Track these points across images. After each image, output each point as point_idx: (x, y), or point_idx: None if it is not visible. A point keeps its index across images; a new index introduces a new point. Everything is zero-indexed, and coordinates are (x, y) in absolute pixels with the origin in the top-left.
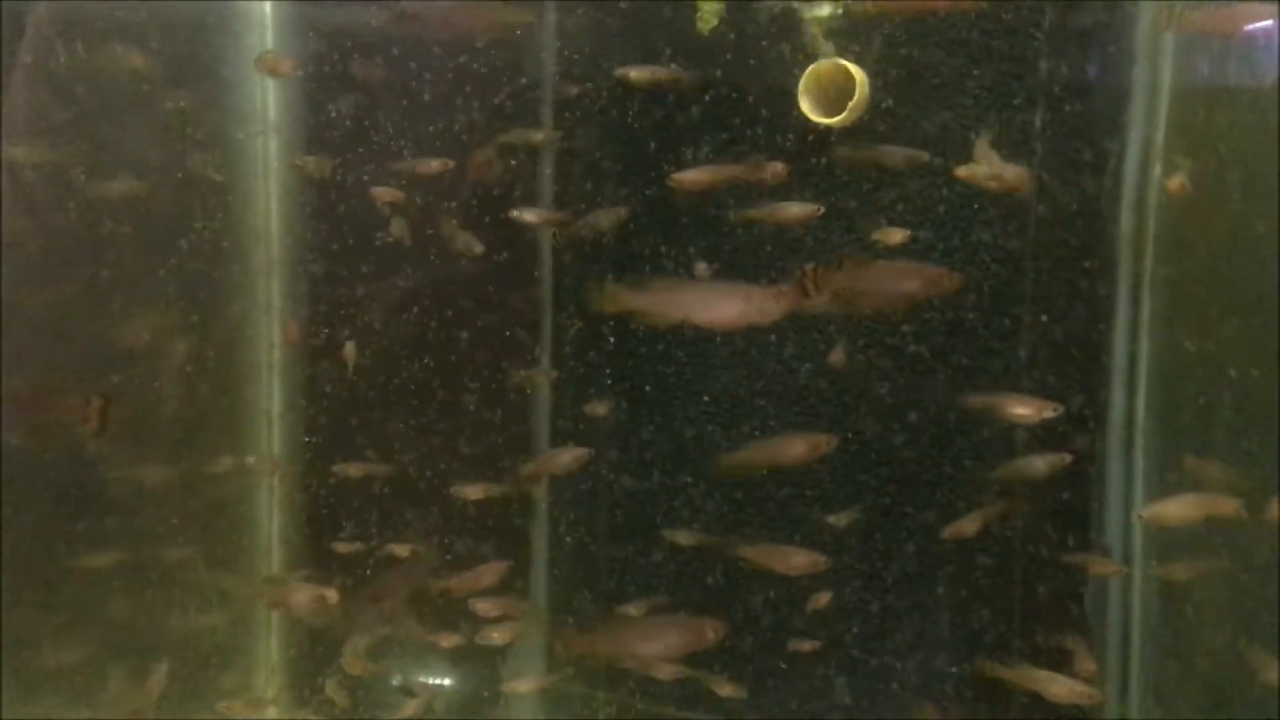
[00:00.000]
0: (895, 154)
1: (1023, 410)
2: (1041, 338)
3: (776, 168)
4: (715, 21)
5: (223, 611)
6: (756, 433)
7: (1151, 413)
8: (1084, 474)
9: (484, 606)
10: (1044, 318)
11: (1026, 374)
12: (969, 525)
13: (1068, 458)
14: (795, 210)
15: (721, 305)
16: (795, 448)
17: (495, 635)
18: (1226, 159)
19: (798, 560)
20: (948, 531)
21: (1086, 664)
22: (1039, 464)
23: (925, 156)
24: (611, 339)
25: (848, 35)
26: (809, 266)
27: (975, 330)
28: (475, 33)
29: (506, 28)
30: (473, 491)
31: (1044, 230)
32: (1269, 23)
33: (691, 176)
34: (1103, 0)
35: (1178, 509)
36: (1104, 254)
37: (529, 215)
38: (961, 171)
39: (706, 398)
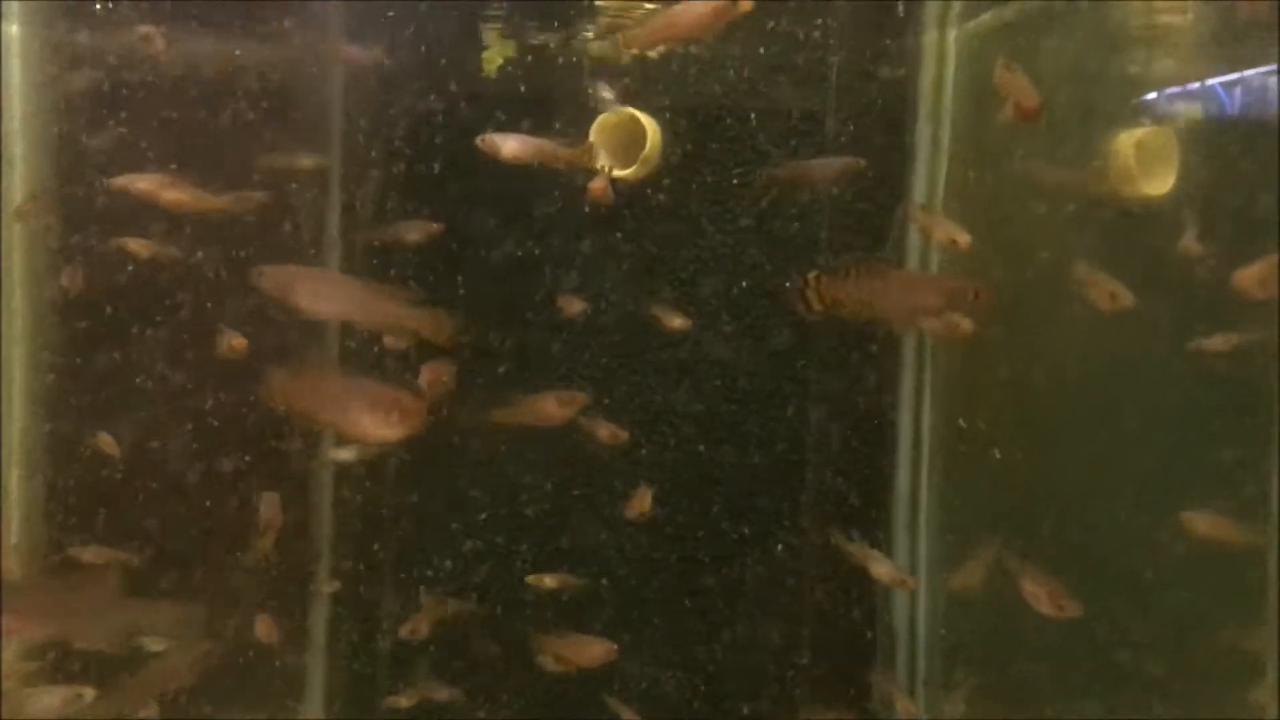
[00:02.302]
0: (830, 166)
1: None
2: (831, 407)
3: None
4: (500, 61)
5: None
6: None
7: (933, 486)
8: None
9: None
10: (832, 384)
11: (815, 446)
12: None
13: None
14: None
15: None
16: (548, 405)
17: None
18: (995, 221)
19: (594, 650)
20: None
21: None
22: None
23: (861, 164)
24: None
25: (637, 83)
26: (812, 275)
27: (764, 393)
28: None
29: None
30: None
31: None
32: None
33: (510, 146)
34: (887, 56)
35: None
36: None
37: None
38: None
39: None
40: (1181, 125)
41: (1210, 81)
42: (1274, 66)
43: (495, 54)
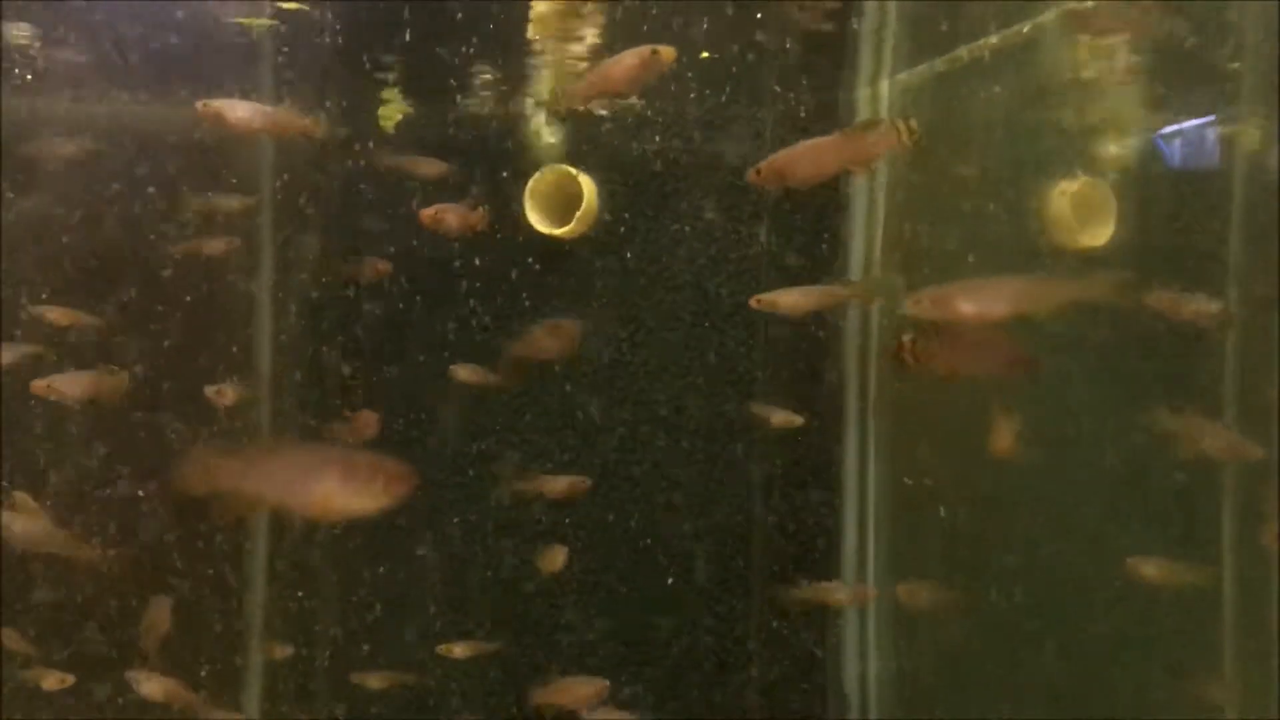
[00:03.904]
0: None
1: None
2: (779, 455)
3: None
4: (398, 118)
5: None
6: None
7: (880, 540)
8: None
9: None
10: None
11: (762, 495)
12: None
13: None
14: None
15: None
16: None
17: None
18: (936, 271)
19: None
20: None
21: None
22: None
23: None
24: None
25: (570, 136)
26: (907, 338)
27: (717, 439)
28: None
29: None
30: None
31: (774, 349)
32: None
33: (239, 113)
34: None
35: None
36: (833, 375)
37: None
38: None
39: None
40: (1117, 176)
41: (1150, 131)
42: (1212, 117)
43: (393, 110)
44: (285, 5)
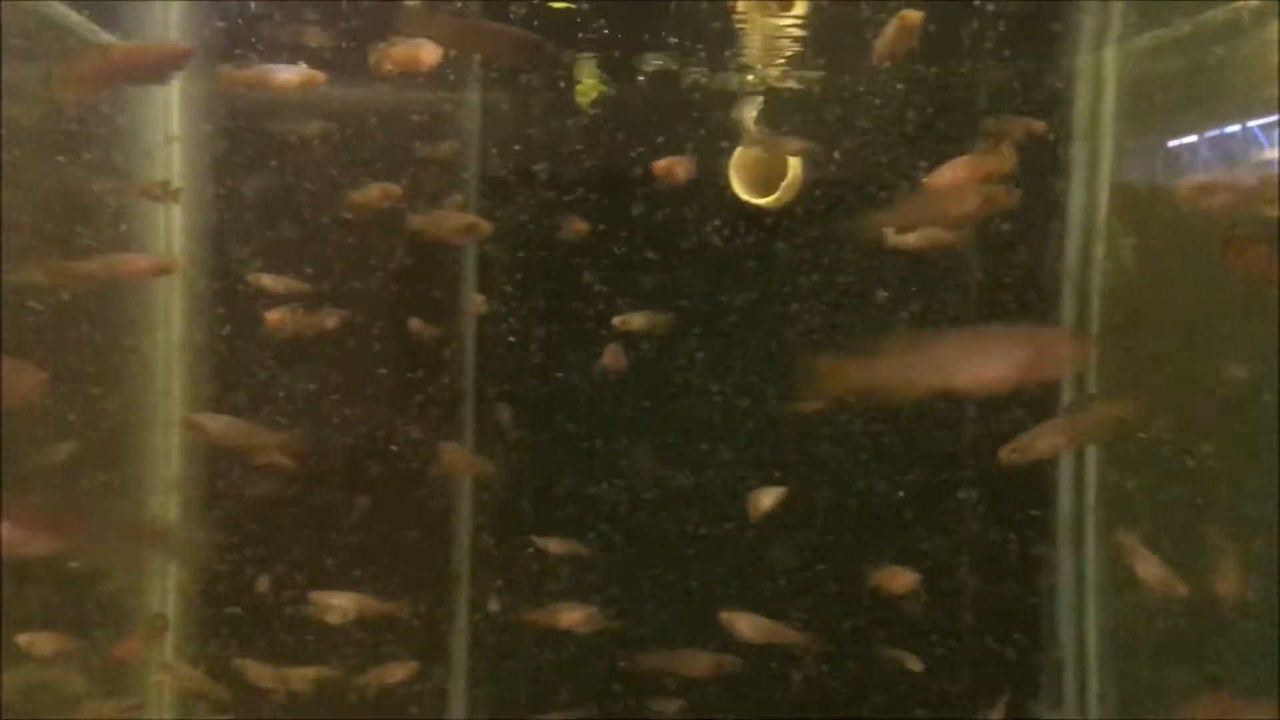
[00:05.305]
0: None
1: None
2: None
3: None
4: (594, 95)
5: None
6: None
7: (1101, 501)
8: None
9: None
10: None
11: (969, 456)
12: None
13: None
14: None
15: (994, 358)
16: None
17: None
18: (1171, 240)
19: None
20: None
21: None
22: None
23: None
24: None
25: (779, 112)
26: (1237, 230)
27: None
28: None
29: None
30: None
31: (984, 303)
32: None
33: None
34: (1037, 78)
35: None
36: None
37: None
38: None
39: None
40: None
41: None
42: None
43: (590, 87)
44: (555, 5)
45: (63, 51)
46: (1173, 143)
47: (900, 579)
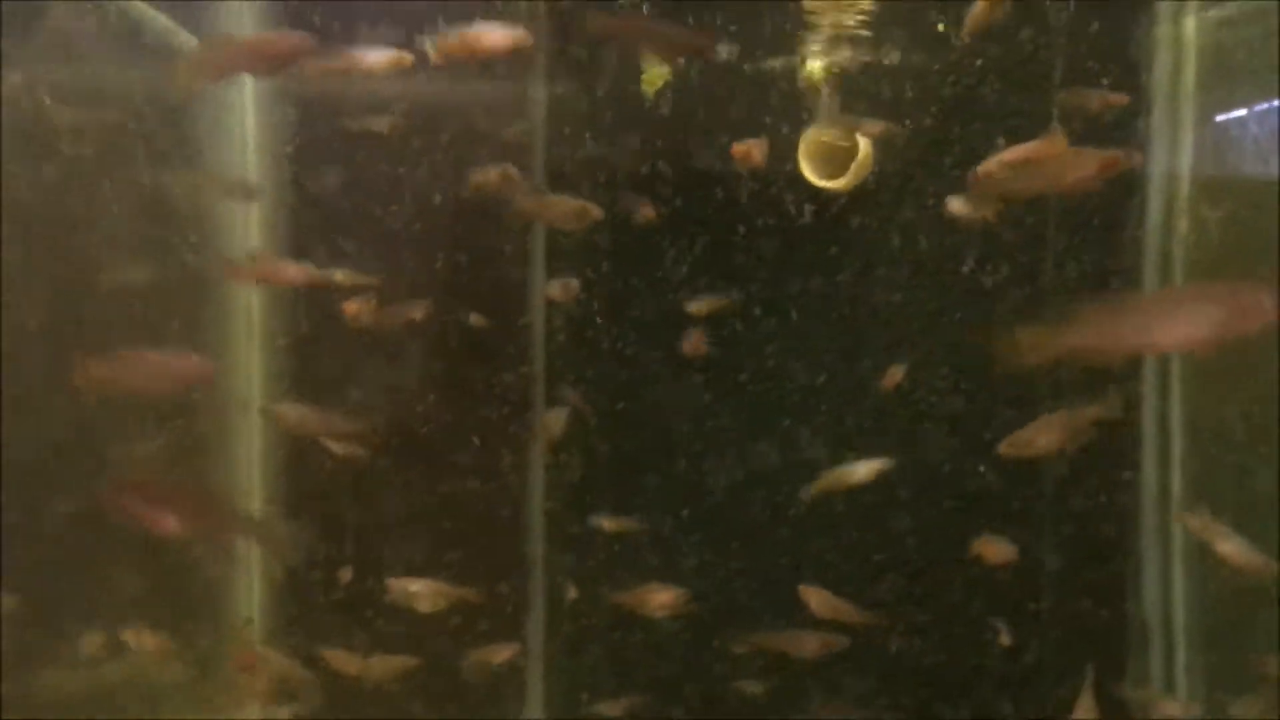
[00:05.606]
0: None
1: None
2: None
3: None
4: (660, 84)
5: None
6: None
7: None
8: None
9: None
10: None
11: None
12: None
13: None
14: None
15: (1197, 316)
16: None
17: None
18: (1258, 211)
19: (811, 644)
20: None
21: None
22: None
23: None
24: None
25: (852, 91)
26: None
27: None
28: None
29: None
30: None
31: (1064, 281)
32: None
33: None
34: (1114, 42)
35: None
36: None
37: None
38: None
39: None
40: None
41: None
42: None
43: (655, 75)
44: None
45: (143, 53)
46: (1258, 108)
47: (997, 549)
